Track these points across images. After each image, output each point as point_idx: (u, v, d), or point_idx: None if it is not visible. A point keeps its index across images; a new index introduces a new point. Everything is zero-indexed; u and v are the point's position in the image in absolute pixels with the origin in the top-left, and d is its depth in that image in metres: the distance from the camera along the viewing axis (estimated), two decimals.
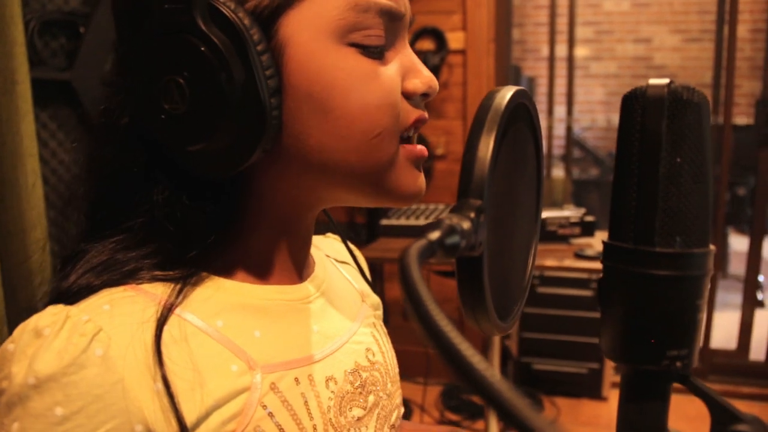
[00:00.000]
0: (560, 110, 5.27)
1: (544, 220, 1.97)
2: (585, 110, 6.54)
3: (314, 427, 0.54)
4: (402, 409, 0.69)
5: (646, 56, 6.53)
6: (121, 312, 0.49)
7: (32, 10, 2.04)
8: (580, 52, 6.37)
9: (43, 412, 0.45)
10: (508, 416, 0.22)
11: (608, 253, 0.38)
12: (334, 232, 0.78)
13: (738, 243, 5.15)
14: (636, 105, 0.37)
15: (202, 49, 0.47)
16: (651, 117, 0.36)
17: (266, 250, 0.58)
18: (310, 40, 0.51)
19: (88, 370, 0.46)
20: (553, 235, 2.07)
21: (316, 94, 0.51)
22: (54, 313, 0.48)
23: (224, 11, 0.47)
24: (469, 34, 3.14)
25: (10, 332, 0.49)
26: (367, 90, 0.52)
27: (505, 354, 3.06)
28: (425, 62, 3.04)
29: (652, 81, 0.37)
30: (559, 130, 5.30)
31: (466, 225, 0.34)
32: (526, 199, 0.49)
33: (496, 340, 2.12)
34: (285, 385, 0.53)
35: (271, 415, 0.51)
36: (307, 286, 0.61)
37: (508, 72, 3.62)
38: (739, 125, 4.61)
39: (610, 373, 2.99)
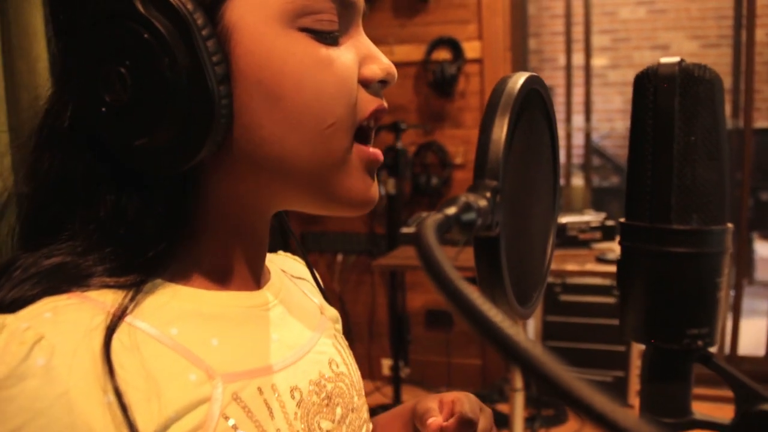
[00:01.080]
0: (578, 119, 5.25)
1: (565, 225, 1.96)
2: (603, 119, 6.50)
3: None
4: (370, 425, 0.67)
5: None
6: (66, 319, 0.45)
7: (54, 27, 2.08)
8: (598, 60, 6.35)
9: None
10: (530, 371, 0.22)
11: (625, 233, 0.38)
12: (287, 242, 0.74)
13: (764, 249, 5.08)
14: (648, 84, 0.37)
15: (143, 34, 0.45)
16: (663, 95, 0.36)
17: (221, 255, 0.55)
18: (258, 24, 0.48)
19: (28, 382, 0.41)
20: (573, 240, 2.06)
21: (266, 80, 0.48)
22: None
23: None
24: (485, 43, 3.15)
25: None
26: (320, 76, 0.49)
27: None
28: (442, 72, 3.06)
29: (663, 59, 0.37)
30: (578, 138, 5.28)
31: (482, 203, 0.34)
32: (542, 187, 0.49)
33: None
34: (248, 395, 0.50)
35: (234, 427, 0.48)
36: (265, 293, 0.58)
37: None
38: (759, 129, 4.56)
39: (636, 381, 2.95)
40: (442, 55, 3.22)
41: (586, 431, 2.83)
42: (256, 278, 0.58)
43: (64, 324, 0.44)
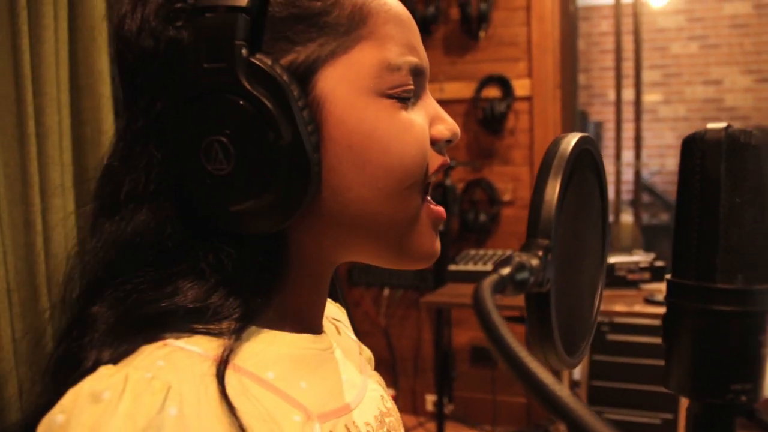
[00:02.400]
0: (628, 155, 5.20)
1: (613, 265, 1.96)
2: (654, 154, 6.42)
3: None
4: None
5: (717, 98, 6.39)
6: (182, 367, 0.46)
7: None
8: (649, 96, 6.29)
9: None
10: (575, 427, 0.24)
11: (672, 290, 0.40)
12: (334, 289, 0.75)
13: None
14: (695, 148, 0.39)
15: (248, 108, 0.47)
16: (710, 160, 0.38)
17: (299, 303, 0.57)
18: (350, 95, 0.51)
19: None
20: (622, 280, 2.04)
21: (356, 145, 0.51)
22: (109, 374, 0.44)
23: (265, 68, 0.47)
24: (535, 81, 3.18)
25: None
26: (404, 141, 0.52)
27: None
28: (491, 109, 3.09)
29: (711, 125, 0.39)
30: (628, 174, 5.22)
31: (534, 262, 0.37)
32: (592, 240, 0.51)
33: (565, 387, 2.08)
34: None
35: None
36: (327, 336, 0.61)
37: (574, 117, 3.63)
38: None
39: (684, 424, 2.88)
40: (492, 92, 3.26)
41: None
42: (321, 322, 0.61)
43: (183, 372, 0.45)
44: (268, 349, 0.52)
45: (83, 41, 1.78)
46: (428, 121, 0.56)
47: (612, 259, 2.04)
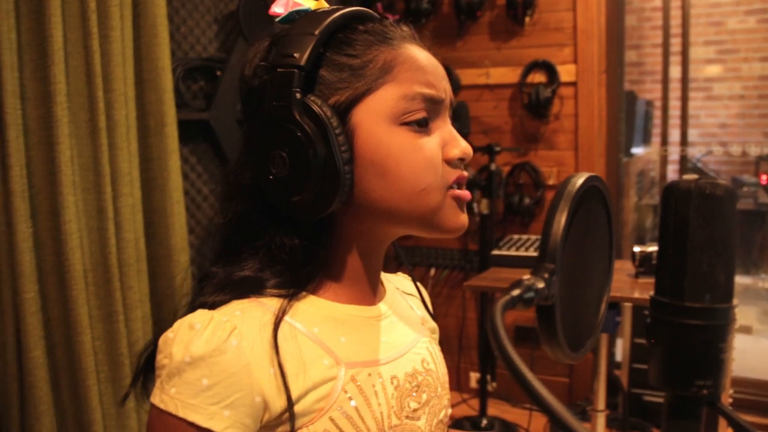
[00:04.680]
0: (677, 134, 5.16)
1: (650, 254, 2.03)
2: (707, 133, 6.32)
3: (380, 411, 0.72)
4: (450, 410, 0.86)
5: None
6: (249, 316, 0.68)
7: (177, 58, 2.28)
8: (702, 72, 6.18)
9: (194, 381, 0.63)
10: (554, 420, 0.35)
11: (652, 305, 0.51)
12: (405, 270, 0.99)
13: None
14: (671, 194, 0.49)
15: (298, 133, 0.67)
16: (681, 205, 0.48)
17: (348, 275, 0.76)
18: (373, 124, 0.70)
19: (227, 355, 0.63)
20: None
21: (376, 161, 0.70)
22: (202, 314, 0.67)
23: (313, 107, 0.67)
24: (581, 67, 3.21)
25: (155, 335, 0.69)
26: (413, 158, 0.70)
27: (615, 385, 3.05)
28: (537, 94, 3.14)
29: (685, 176, 0.49)
30: (676, 154, 5.18)
31: (540, 285, 0.48)
32: (599, 257, 0.61)
33: (602, 371, 2.17)
34: (361, 378, 0.71)
35: (350, 398, 0.69)
36: (379, 307, 0.79)
37: (620, 100, 3.64)
38: None
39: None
40: (537, 77, 3.30)
41: None
42: (373, 293, 0.79)
43: (249, 319, 0.67)
44: (316, 311, 0.72)
45: (146, 38, 1.90)
46: (442, 143, 0.73)
47: (651, 247, 2.11)
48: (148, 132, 1.95)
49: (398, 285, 0.92)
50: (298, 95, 0.67)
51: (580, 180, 0.54)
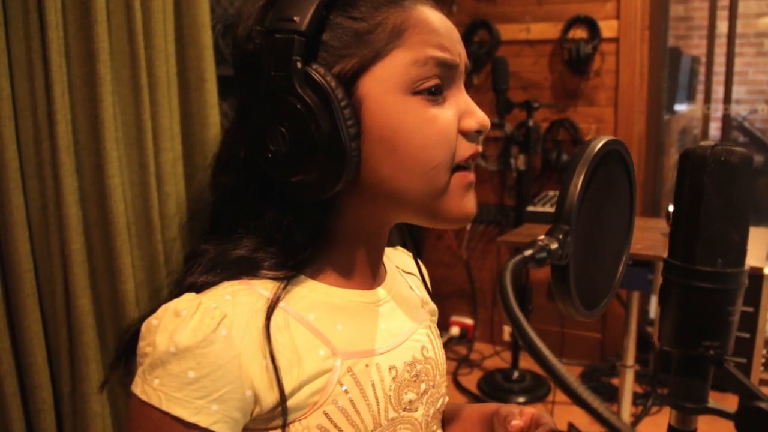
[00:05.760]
0: (723, 91, 5.00)
1: None
2: (755, 91, 6.12)
3: (377, 403, 0.68)
4: (447, 398, 0.83)
5: None
6: (240, 302, 0.62)
7: (217, 15, 2.30)
8: (753, 27, 5.96)
9: (179, 373, 0.58)
10: (564, 388, 0.37)
11: (665, 267, 0.52)
12: (407, 248, 0.91)
13: None
14: (687, 160, 0.50)
15: (297, 105, 0.60)
16: (696, 171, 0.49)
17: (348, 259, 0.71)
18: (383, 94, 0.63)
19: (215, 346, 0.58)
20: None
21: (386, 136, 0.63)
22: (189, 299, 0.61)
23: (315, 77, 0.60)
24: (623, 23, 3.14)
25: (140, 318, 0.64)
26: (427, 132, 0.63)
27: (646, 342, 3.06)
28: (577, 50, 3.09)
29: (702, 143, 0.50)
30: (720, 112, 5.04)
31: (554, 245, 0.50)
32: (619, 218, 0.62)
33: (633, 328, 2.18)
34: (358, 369, 0.66)
35: (346, 391, 0.65)
36: (378, 291, 0.74)
37: (664, 57, 3.56)
38: None
39: (759, 370, 2.91)
40: (579, 33, 3.24)
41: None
42: (373, 277, 0.75)
43: (239, 306, 0.62)
44: (313, 296, 0.67)
45: None
46: (458, 114, 0.66)
47: None
48: (189, 88, 1.98)
49: (398, 263, 0.87)
50: (299, 64, 0.60)
51: (599, 143, 0.56)
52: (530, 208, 2.59)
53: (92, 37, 1.60)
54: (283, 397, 0.60)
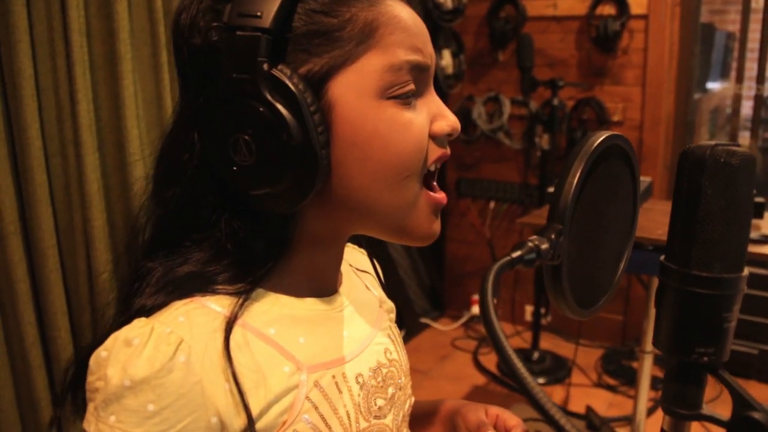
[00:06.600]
0: (756, 68, 4.86)
1: None
2: None
3: (348, 415, 0.65)
4: (413, 399, 0.80)
5: None
6: (196, 323, 0.58)
7: None
8: None
9: (137, 408, 0.53)
10: (531, 400, 0.37)
11: (661, 270, 0.51)
12: (363, 247, 0.87)
13: None
14: (685, 161, 0.49)
15: (266, 113, 0.55)
16: (695, 173, 0.48)
17: (309, 269, 0.67)
18: (356, 99, 0.59)
19: (174, 374, 0.54)
20: None
21: (359, 143, 0.59)
22: (140, 326, 0.57)
23: (284, 80, 0.55)
24: None
25: (76, 350, 0.61)
26: (402, 139, 0.60)
27: None
28: (605, 28, 3.02)
29: (701, 143, 0.48)
30: (753, 91, 4.89)
31: (544, 246, 0.49)
32: (618, 218, 0.61)
33: (652, 314, 2.15)
34: (325, 381, 0.64)
35: (315, 407, 0.62)
36: (340, 297, 0.71)
37: (696, 33, 3.47)
38: None
39: None
40: (607, 10, 3.17)
41: (722, 397, 2.81)
42: (334, 284, 0.72)
43: (196, 327, 0.58)
44: (273, 309, 0.64)
45: None
46: (429, 117, 0.63)
47: None
48: None
49: (351, 260, 0.82)
50: (265, 66, 0.55)
51: (597, 139, 0.54)
52: (551, 189, 2.55)
53: (112, 16, 1.61)
54: (251, 421, 0.57)
